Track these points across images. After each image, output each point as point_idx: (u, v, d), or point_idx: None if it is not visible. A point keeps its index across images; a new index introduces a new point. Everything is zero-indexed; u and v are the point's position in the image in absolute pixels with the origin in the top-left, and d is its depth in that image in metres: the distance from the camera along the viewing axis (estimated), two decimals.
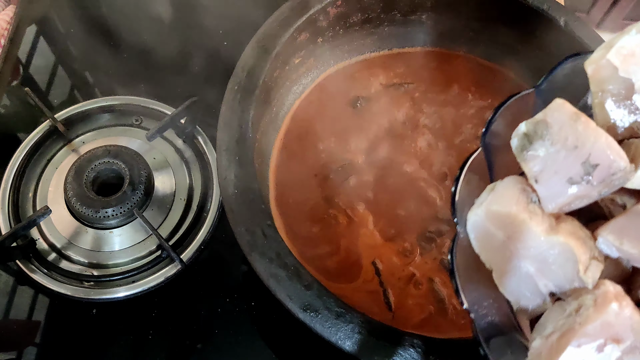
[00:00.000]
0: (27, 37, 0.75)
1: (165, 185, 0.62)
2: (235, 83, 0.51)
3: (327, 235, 0.54)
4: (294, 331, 0.55)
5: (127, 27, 0.77)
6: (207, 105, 0.62)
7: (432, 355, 0.40)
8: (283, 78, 0.58)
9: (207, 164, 0.64)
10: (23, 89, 0.67)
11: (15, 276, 0.58)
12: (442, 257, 0.53)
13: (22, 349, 0.54)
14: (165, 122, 0.61)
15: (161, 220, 0.60)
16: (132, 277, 0.57)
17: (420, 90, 0.63)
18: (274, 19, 0.55)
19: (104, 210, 0.57)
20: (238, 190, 0.45)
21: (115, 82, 0.71)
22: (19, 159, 0.62)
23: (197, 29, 0.77)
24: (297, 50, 0.58)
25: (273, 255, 0.42)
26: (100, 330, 0.55)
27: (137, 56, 0.75)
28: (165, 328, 0.56)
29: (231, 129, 0.48)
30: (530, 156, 0.28)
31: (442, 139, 0.59)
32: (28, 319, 0.56)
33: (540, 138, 0.28)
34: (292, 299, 0.41)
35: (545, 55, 0.60)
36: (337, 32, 0.62)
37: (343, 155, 0.58)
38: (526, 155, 0.29)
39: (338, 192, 0.56)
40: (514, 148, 0.29)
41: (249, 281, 0.59)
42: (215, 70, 0.72)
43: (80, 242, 0.58)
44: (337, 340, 0.40)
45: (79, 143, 0.65)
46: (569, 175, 0.27)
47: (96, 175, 0.60)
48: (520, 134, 0.29)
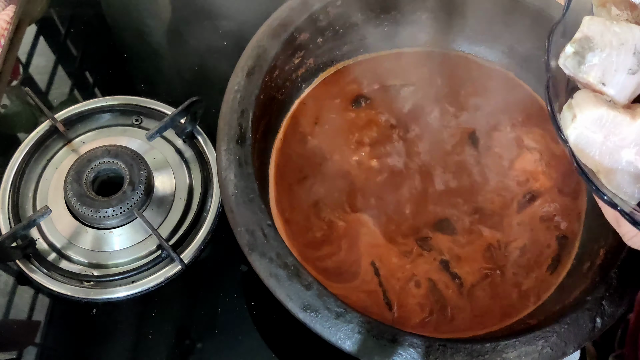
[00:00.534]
0: (27, 37, 0.75)
1: (165, 185, 0.62)
2: (235, 83, 0.51)
3: (327, 235, 0.54)
4: (294, 331, 0.55)
5: (127, 26, 0.77)
6: (207, 105, 0.62)
7: (432, 355, 0.40)
8: (283, 78, 0.58)
9: (207, 164, 0.64)
10: (23, 88, 0.67)
11: (15, 276, 0.58)
12: (441, 258, 0.53)
13: (22, 349, 0.54)
14: (165, 122, 0.61)
15: (161, 220, 0.60)
16: (132, 277, 0.57)
17: (421, 90, 0.63)
18: (274, 19, 0.55)
19: (104, 210, 0.57)
20: (238, 190, 0.45)
21: (115, 82, 0.71)
22: (19, 159, 0.62)
23: (197, 28, 0.77)
24: (297, 50, 0.58)
25: (273, 255, 0.42)
26: (100, 330, 0.55)
27: (137, 56, 0.75)
28: (165, 328, 0.56)
29: (231, 129, 0.48)
30: (589, 67, 0.33)
31: (444, 138, 0.59)
32: (28, 319, 0.56)
33: (590, 50, 0.33)
34: (292, 299, 0.41)
35: (544, 54, 0.60)
36: (337, 32, 0.62)
37: (343, 155, 0.58)
38: (584, 68, 0.34)
39: (338, 192, 0.56)
40: (570, 68, 0.34)
41: (249, 281, 0.59)
42: (215, 70, 0.72)
43: (80, 242, 0.58)
44: (337, 340, 0.40)
45: (79, 143, 0.65)
46: (627, 68, 0.33)
47: (96, 175, 0.59)
48: (570, 54, 0.34)
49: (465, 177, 0.57)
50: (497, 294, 0.52)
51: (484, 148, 0.59)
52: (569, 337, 0.42)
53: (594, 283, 0.46)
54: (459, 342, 0.41)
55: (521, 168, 0.58)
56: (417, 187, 0.56)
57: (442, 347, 0.40)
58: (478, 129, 0.60)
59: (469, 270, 0.53)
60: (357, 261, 0.52)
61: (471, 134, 0.60)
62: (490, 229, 0.55)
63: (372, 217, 0.54)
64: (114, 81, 0.71)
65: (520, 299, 0.52)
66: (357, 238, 0.54)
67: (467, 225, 0.55)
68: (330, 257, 0.52)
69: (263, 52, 0.52)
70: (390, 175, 0.57)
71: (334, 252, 0.53)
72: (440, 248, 0.53)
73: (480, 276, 0.52)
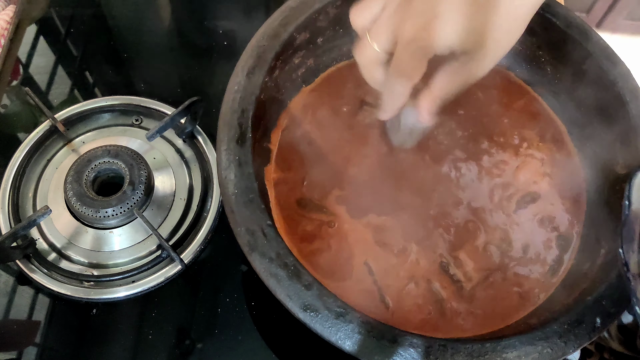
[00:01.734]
0: (27, 37, 0.75)
1: (165, 185, 0.62)
2: (235, 83, 0.51)
3: (323, 233, 0.54)
4: (294, 331, 0.55)
5: (127, 26, 0.77)
6: (207, 105, 0.62)
7: (432, 355, 0.40)
8: (283, 78, 0.58)
9: (207, 164, 0.64)
10: (23, 88, 0.67)
11: (16, 276, 0.58)
12: (441, 260, 0.53)
13: (22, 349, 0.54)
14: (165, 122, 0.61)
15: (161, 220, 0.60)
16: (132, 277, 0.57)
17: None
18: (274, 19, 0.55)
19: (104, 210, 0.57)
20: (238, 190, 0.45)
21: (115, 82, 0.71)
22: (19, 159, 0.62)
23: (197, 28, 0.77)
24: (297, 50, 0.58)
25: (273, 255, 0.42)
26: (100, 330, 0.55)
27: (137, 56, 0.75)
28: (165, 328, 0.56)
29: (231, 129, 0.48)
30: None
31: (444, 137, 0.59)
32: (28, 319, 0.56)
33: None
34: (292, 299, 0.41)
35: (544, 54, 0.60)
36: (338, 31, 0.62)
37: (344, 156, 0.58)
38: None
39: (336, 192, 0.56)
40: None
41: (249, 281, 0.59)
42: (215, 70, 0.72)
43: (80, 242, 0.58)
44: (337, 340, 0.40)
45: (79, 143, 0.65)
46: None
47: (96, 175, 0.60)
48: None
49: (466, 176, 0.57)
50: (497, 295, 0.52)
51: (484, 148, 0.59)
52: (569, 337, 0.42)
53: (594, 283, 0.46)
54: (459, 342, 0.41)
55: (522, 170, 0.58)
56: (416, 187, 0.56)
57: (442, 347, 0.40)
58: (479, 130, 0.60)
59: (469, 271, 0.53)
60: (350, 260, 0.52)
61: (472, 135, 0.60)
62: (490, 229, 0.55)
63: (370, 217, 0.54)
64: (114, 81, 0.71)
65: (520, 300, 0.52)
66: (351, 237, 0.53)
67: (466, 226, 0.55)
68: (322, 254, 0.52)
69: (263, 52, 0.52)
70: (391, 175, 0.57)
71: (326, 249, 0.53)
72: (439, 249, 0.53)
73: (480, 277, 0.52)
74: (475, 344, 0.41)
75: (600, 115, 0.56)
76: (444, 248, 0.53)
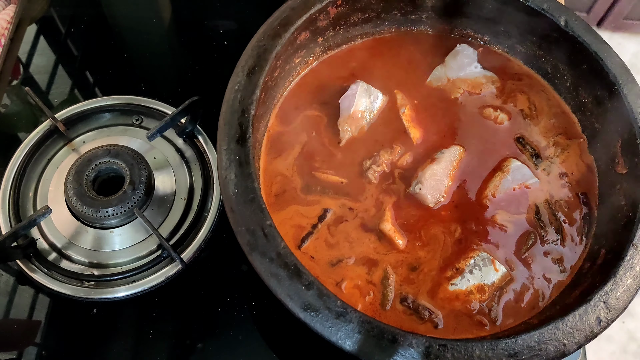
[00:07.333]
0: (28, 37, 0.75)
1: (165, 184, 0.62)
2: (235, 83, 0.51)
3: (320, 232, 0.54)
4: (294, 331, 0.55)
5: (127, 26, 0.77)
6: (207, 105, 0.62)
7: (432, 355, 0.40)
8: (283, 78, 0.58)
9: (208, 164, 0.64)
10: (23, 88, 0.67)
11: (16, 276, 0.58)
12: (456, 266, 0.53)
13: (22, 349, 0.54)
14: (165, 121, 0.61)
15: (161, 220, 0.60)
16: (133, 277, 0.57)
17: None
18: (274, 19, 0.55)
19: (105, 209, 0.57)
20: (238, 190, 0.45)
21: (116, 82, 0.71)
22: (19, 159, 0.62)
23: (197, 28, 0.77)
24: (298, 49, 0.58)
25: (273, 255, 0.42)
26: (100, 330, 0.55)
27: (137, 56, 0.75)
28: (165, 328, 0.56)
29: (231, 129, 0.48)
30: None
31: (443, 136, 0.59)
32: (28, 318, 0.56)
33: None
34: (292, 298, 0.41)
35: (544, 54, 0.60)
36: (338, 31, 0.62)
37: (343, 156, 0.58)
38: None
39: (333, 191, 0.56)
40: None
41: (249, 281, 0.59)
42: (216, 70, 0.72)
43: (80, 241, 0.58)
44: (337, 339, 0.40)
45: (80, 143, 0.65)
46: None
47: (96, 174, 0.60)
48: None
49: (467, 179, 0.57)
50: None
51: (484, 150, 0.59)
52: (570, 337, 0.42)
53: (594, 283, 0.46)
54: (459, 342, 0.41)
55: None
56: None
57: (442, 347, 0.40)
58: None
59: None
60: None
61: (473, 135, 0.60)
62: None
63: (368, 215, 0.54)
64: (114, 81, 0.71)
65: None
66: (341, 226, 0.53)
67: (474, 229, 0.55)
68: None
69: (263, 51, 0.52)
70: (390, 175, 0.57)
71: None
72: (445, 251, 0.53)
73: None
74: (475, 344, 0.41)
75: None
76: (450, 254, 0.53)
